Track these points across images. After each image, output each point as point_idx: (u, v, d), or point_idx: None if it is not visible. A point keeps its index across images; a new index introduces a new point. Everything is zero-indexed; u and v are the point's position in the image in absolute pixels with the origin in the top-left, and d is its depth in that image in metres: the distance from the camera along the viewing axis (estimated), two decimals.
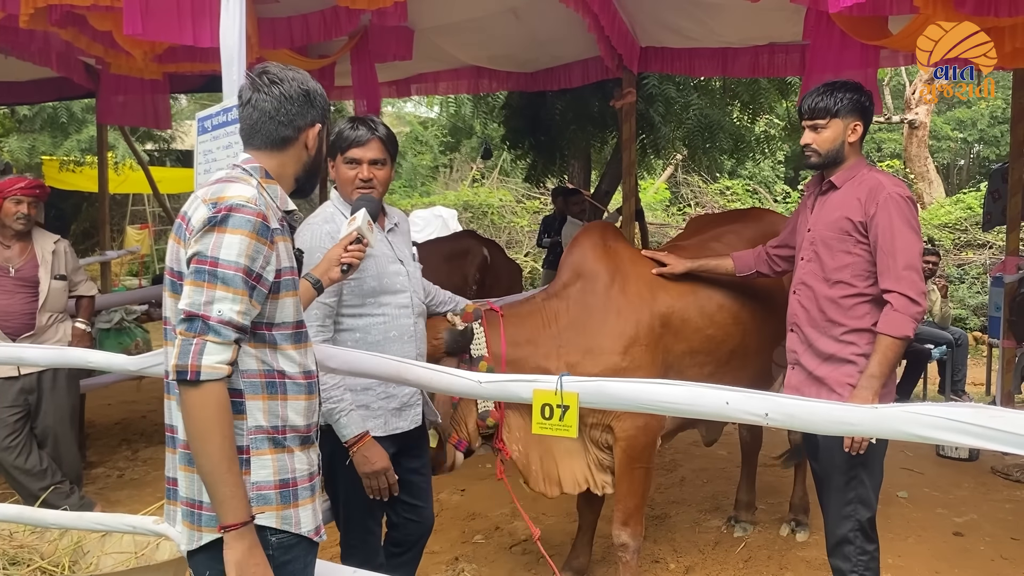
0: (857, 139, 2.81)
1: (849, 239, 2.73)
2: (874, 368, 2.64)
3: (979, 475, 5.24)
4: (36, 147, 13.13)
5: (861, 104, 2.78)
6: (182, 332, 1.69)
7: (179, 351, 1.68)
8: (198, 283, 1.69)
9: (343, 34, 5.36)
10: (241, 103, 1.92)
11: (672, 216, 17.73)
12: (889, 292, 2.64)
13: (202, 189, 1.82)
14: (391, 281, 2.66)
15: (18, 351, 3.46)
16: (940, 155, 21.75)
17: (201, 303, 1.68)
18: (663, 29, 5.76)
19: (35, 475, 4.15)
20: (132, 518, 2.76)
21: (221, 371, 1.68)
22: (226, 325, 1.69)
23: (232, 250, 1.70)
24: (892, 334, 2.62)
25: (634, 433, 3.18)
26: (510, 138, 9.54)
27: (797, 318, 2.89)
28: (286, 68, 1.93)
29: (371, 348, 2.57)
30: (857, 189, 2.75)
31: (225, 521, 1.70)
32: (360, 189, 2.61)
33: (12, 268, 4.23)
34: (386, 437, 2.65)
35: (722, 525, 4.33)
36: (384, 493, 2.58)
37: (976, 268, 12.73)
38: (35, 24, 4.28)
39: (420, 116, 21.86)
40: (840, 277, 2.76)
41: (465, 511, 4.60)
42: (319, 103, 1.95)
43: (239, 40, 2.64)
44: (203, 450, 1.68)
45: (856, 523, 2.78)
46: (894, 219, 2.65)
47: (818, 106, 2.78)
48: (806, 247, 2.88)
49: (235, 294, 1.70)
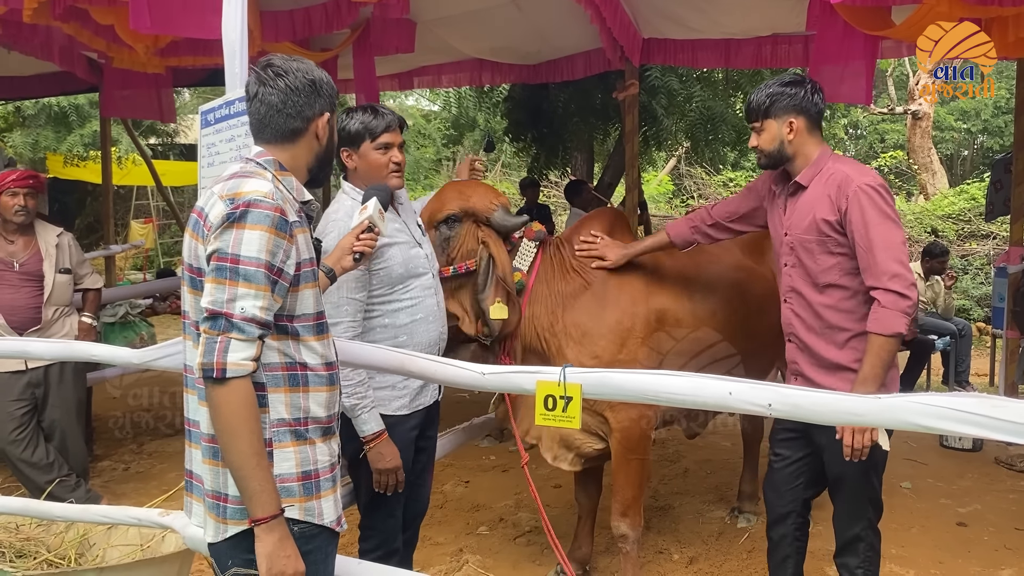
0: (799, 135, 2.67)
1: (828, 239, 2.61)
2: (867, 371, 2.50)
3: (983, 466, 5.24)
4: (39, 142, 13.17)
5: (794, 98, 2.65)
6: (206, 330, 1.70)
7: (204, 349, 1.69)
8: (220, 280, 1.70)
9: (345, 27, 5.36)
10: (248, 98, 1.91)
11: (676, 208, 17.71)
12: (875, 289, 2.51)
13: (218, 184, 1.82)
14: (415, 264, 2.71)
15: (24, 345, 3.47)
16: (944, 145, 21.71)
17: (224, 301, 1.69)
18: (665, 20, 5.75)
19: (41, 468, 4.17)
20: (138, 511, 2.77)
21: (246, 368, 1.69)
22: (249, 322, 1.69)
23: (252, 246, 1.70)
24: (883, 332, 2.49)
25: (629, 424, 3.17)
26: (513, 131, 9.54)
27: (793, 327, 2.76)
28: (290, 59, 1.92)
29: (399, 332, 2.65)
30: (826, 186, 2.62)
31: (255, 515, 1.71)
32: (393, 173, 2.67)
33: (16, 263, 4.23)
34: (411, 414, 2.74)
35: (726, 516, 4.33)
36: (391, 489, 2.65)
37: (980, 259, 12.70)
38: (38, 19, 4.29)
39: (423, 109, 21.86)
40: (828, 280, 2.64)
41: (469, 502, 4.61)
42: (326, 92, 1.93)
43: (241, 33, 2.64)
44: (231, 446, 1.70)
45: (868, 521, 2.78)
46: (867, 211, 2.52)
47: (750, 107, 2.73)
48: (786, 252, 2.76)
49: (257, 290, 1.70)
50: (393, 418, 2.67)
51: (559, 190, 15.93)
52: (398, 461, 2.62)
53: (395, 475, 2.62)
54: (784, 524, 2.91)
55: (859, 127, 22.30)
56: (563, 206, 15.58)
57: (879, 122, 21.73)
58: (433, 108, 20.76)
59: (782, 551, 2.92)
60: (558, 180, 14.16)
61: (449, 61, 7.34)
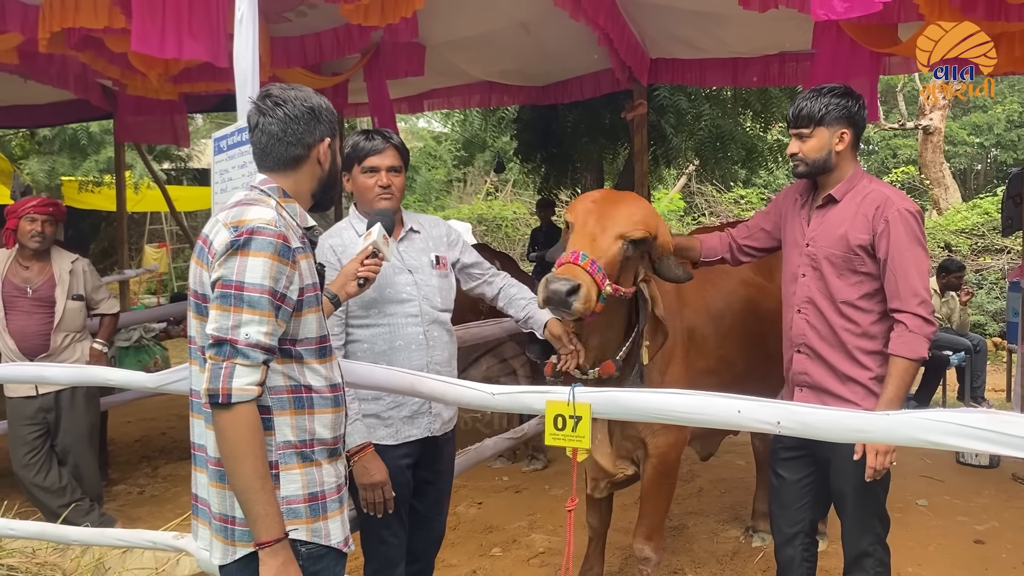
0: (846, 147, 2.67)
1: (856, 258, 2.62)
2: (891, 393, 2.53)
3: (1000, 482, 5.19)
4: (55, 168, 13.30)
5: (849, 110, 2.64)
6: (211, 356, 1.73)
7: (210, 375, 1.71)
8: (224, 307, 1.73)
9: (355, 51, 5.43)
10: (250, 128, 1.95)
11: (687, 226, 17.71)
12: (902, 312, 2.54)
13: (223, 212, 1.86)
14: (396, 291, 2.66)
15: (40, 370, 3.50)
16: (956, 160, 21.62)
17: (228, 327, 1.71)
18: (673, 41, 5.79)
19: (54, 492, 4.19)
20: (153, 534, 2.79)
21: (251, 392, 1.72)
22: (254, 347, 1.72)
23: (256, 273, 1.74)
24: (909, 356, 2.52)
25: (667, 449, 3.13)
26: (522, 151, 9.59)
27: (806, 338, 2.75)
28: (288, 88, 1.95)
29: (378, 358, 2.60)
30: (862, 204, 2.63)
31: (259, 538, 1.74)
32: (381, 196, 2.64)
33: (30, 289, 4.26)
34: (400, 445, 2.68)
35: (740, 535, 4.31)
36: (379, 508, 2.58)
37: (994, 273, 12.63)
38: (53, 48, 4.37)
39: (433, 131, 22.01)
40: (847, 297, 2.65)
41: (482, 524, 4.60)
42: (325, 118, 1.97)
43: (252, 60, 2.68)
44: (236, 471, 1.72)
45: (876, 536, 2.76)
46: (903, 236, 2.55)
47: (802, 113, 2.67)
48: (804, 263, 2.74)
49: (261, 316, 1.73)
50: (378, 447, 2.61)
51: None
52: (384, 475, 2.55)
53: (381, 491, 2.56)
54: (791, 545, 2.89)
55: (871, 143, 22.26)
56: None
57: (891, 137, 21.69)
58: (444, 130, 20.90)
59: (791, 574, 2.91)
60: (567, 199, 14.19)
61: (459, 84, 7.40)
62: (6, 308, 4.23)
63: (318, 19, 5.12)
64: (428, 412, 2.73)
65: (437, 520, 2.91)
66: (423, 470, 2.79)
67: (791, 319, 2.81)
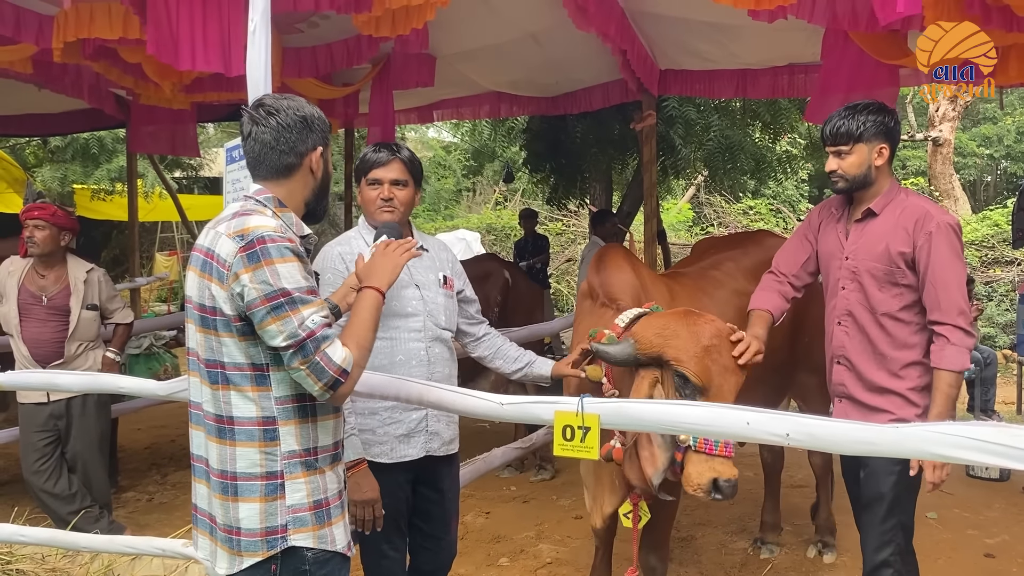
0: (884, 162, 2.72)
1: (897, 271, 2.66)
2: (941, 408, 2.57)
3: (1011, 495, 5.16)
4: (68, 176, 13.36)
5: (886, 126, 2.69)
6: (301, 362, 1.77)
7: (315, 376, 1.77)
8: (282, 315, 1.77)
9: (365, 62, 5.45)
10: (243, 137, 1.99)
11: (695, 236, 17.65)
12: (943, 325, 2.57)
13: (222, 224, 1.88)
14: (401, 304, 2.64)
15: (52, 377, 3.53)
16: (966, 172, 21.54)
17: (297, 328, 1.77)
18: (682, 52, 5.80)
19: (64, 499, 4.20)
20: (162, 541, 2.80)
21: (350, 357, 1.81)
22: (324, 327, 1.80)
23: (291, 276, 1.80)
24: (952, 368, 2.55)
25: None
26: (531, 161, 9.60)
27: (845, 350, 2.79)
28: (281, 98, 2.00)
29: (377, 372, 2.56)
30: (901, 217, 2.67)
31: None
32: (382, 209, 2.65)
33: (46, 297, 4.29)
34: (395, 464, 2.64)
35: (748, 547, 4.29)
36: (368, 526, 2.53)
37: (1004, 286, 12.57)
38: (68, 57, 4.41)
39: (443, 141, 22.05)
40: (887, 310, 2.68)
41: (490, 534, 4.59)
42: (318, 127, 2.00)
43: (264, 71, 2.70)
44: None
45: (896, 547, 2.75)
46: (944, 250, 2.58)
47: (840, 131, 2.69)
48: (845, 276, 2.78)
49: (314, 305, 1.81)
50: (372, 465, 2.57)
51: (576, 218, 15.99)
52: (376, 493, 2.51)
53: (371, 508, 2.51)
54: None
55: None
56: (580, 233, 15.64)
57: (900, 149, 21.56)
58: (454, 140, 20.95)
59: None
60: (576, 209, 14.21)
61: (468, 94, 7.42)
62: (21, 315, 4.26)
63: (330, 30, 5.16)
64: (425, 431, 2.68)
65: (445, 539, 2.86)
66: (425, 488, 2.76)
67: (831, 331, 2.86)
